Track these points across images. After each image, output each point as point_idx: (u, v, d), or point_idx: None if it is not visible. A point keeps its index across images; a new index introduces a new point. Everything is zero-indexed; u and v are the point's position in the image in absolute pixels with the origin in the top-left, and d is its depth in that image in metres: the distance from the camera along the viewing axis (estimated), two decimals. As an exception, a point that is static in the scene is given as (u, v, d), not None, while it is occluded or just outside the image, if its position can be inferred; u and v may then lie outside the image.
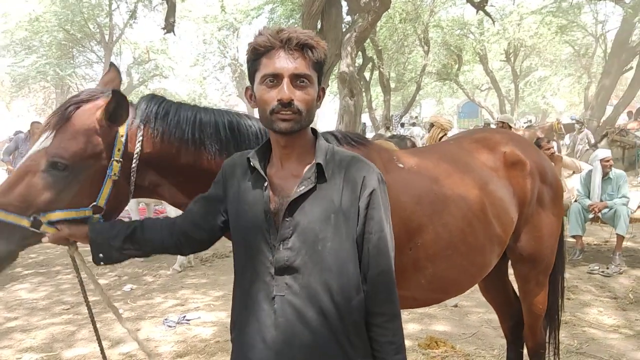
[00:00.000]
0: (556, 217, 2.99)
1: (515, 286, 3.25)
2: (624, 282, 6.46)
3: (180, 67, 33.63)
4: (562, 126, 19.78)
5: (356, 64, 17.94)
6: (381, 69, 23.38)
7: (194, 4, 22.78)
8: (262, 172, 1.72)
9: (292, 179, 1.69)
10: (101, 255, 1.92)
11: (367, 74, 24.63)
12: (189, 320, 5.61)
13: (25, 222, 1.90)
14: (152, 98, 2.16)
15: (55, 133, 1.94)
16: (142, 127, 2.06)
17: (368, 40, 17.67)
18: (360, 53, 18.47)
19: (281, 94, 1.58)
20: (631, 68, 23.37)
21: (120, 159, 1.99)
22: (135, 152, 2.03)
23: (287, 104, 1.58)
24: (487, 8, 16.32)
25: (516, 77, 31.99)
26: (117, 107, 1.93)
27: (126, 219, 2.12)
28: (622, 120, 23.30)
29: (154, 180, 2.14)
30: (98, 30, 27.83)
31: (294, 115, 1.60)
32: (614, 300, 5.80)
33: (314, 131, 1.81)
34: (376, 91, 30.61)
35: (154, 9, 26.56)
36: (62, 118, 1.95)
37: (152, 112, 2.10)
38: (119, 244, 1.90)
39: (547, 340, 3.36)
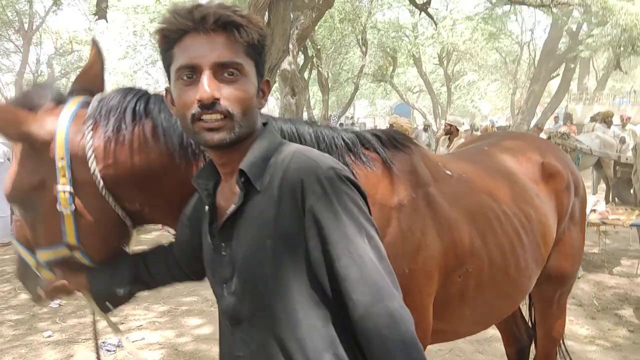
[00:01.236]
0: (582, 232, 2.72)
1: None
2: (585, 287, 6.42)
3: (108, 60, 32.11)
4: (495, 129, 20.31)
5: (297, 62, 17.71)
6: (320, 68, 23.16)
7: (123, -8, 21.68)
8: (204, 194, 1.35)
9: (233, 196, 1.27)
10: (107, 303, 1.66)
11: (305, 73, 24.39)
12: (132, 342, 4.93)
13: (31, 261, 1.68)
14: (101, 96, 1.61)
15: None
16: (90, 137, 1.52)
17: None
18: (301, 51, 18.17)
19: (200, 92, 1.14)
20: (558, 75, 24.39)
21: (69, 188, 1.50)
22: (92, 172, 1.52)
23: (210, 105, 1.14)
24: (430, 10, 16.41)
25: (449, 81, 32.75)
26: None
27: None
28: (548, 125, 24.25)
29: (146, 202, 1.62)
30: (17, 18, 25.98)
31: (223, 122, 1.16)
32: (581, 308, 5.72)
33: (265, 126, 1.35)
34: (313, 90, 30.46)
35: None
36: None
37: (105, 114, 1.55)
38: (124, 290, 1.64)
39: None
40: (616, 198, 10.20)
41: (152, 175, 1.57)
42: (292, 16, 13.92)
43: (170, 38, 1.20)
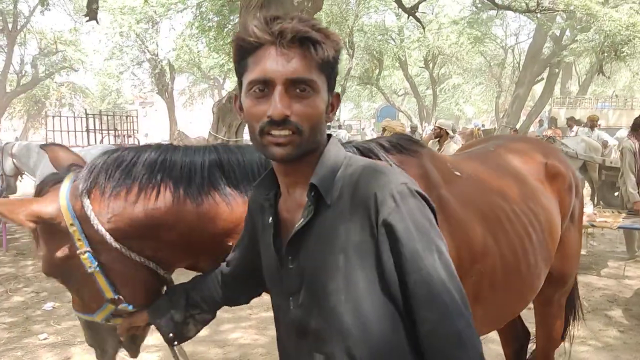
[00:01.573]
0: (580, 232, 2.81)
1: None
2: (574, 289, 6.52)
3: (93, 61, 31.83)
4: (481, 132, 20.49)
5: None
6: (307, 71, 23.17)
7: (110, -7, 21.46)
8: (266, 205, 1.37)
9: (299, 210, 1.28)
10: (171, 335, 1.72)
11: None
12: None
13: (94, 318, 1.82)
14: (93, 163, 1.76)
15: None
16: (86, 198, 1.68)
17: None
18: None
19: (272, 108, 1.15)
20: (542, 79, 24.67)
21: (87, 249, 1.67)
22: (97, 230, 1.67)
23: (280, 122, 1.15)
24: (417, 14, 16.52)
25: (434, 84, 32.97)
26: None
27: None
28: (533, 128, 24.53)
29: (156, 248, 1.77)
30: (0, 18, 25.66)
31: (291, 137, 1.17)
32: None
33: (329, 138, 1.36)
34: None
35: (64, -4, 24.96)
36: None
37: (95, 175, 1.72)
38: (181, 317, 1.70)
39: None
40: (601, 201, 10.37)
41: (153, 224, 1.71)
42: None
43: (245, 49, 1.20)
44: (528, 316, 3.45)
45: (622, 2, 15.14)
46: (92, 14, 9.95)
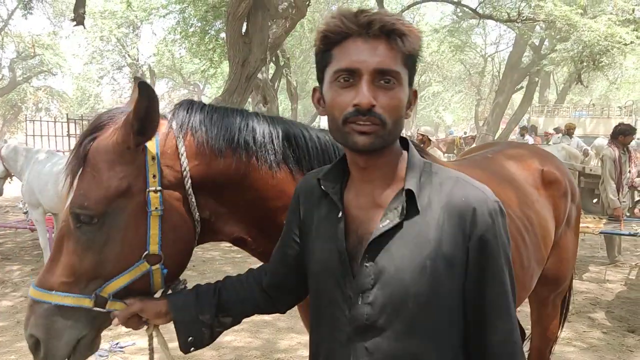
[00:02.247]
0: (577, 236, 2.90)
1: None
2: (558, 293, 6.66)
3: (72, 65, 31.57)
4: (462, 141, 20.75)
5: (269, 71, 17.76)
6: (289, 77, 23.22)
7: (91, -3, 21.32)
8: (335, 198, 1.33)
9: (375, 209, 1.28)
10: (191, 338, 1.52)
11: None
12: (122, 347, 4.92)
13: (87, 302, 1.50)
14: (190, 103, 1.70)
15: (75, 179, 1.51)
16: (181, 137, 1.58)
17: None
18: (272, 61, 18.23)
19: (359, 97, 1.16)
20: (522, 88, 25.06)
21: (159, 188, 1.51)
22: (183, 171, 1.56)
23: (366, 111, 1.16)
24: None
25: (415, 91, 33.23)
26: (149, 108, 1.44)
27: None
28: (513, 136, 24.87)
29: (214, 210, 1.66)
30: (-22, 20, 25.39)
31: (375, 127, 1.18)
32: (556, 312, 5.93)
33: (403, 142, 1.36)
34: (280, 99, 30.51)
35: (43, 0, 24.72)
36: (79, 159, 1.50)
37: (195, 119, 1.64)
38: (210, 318, 1.52)
39: None
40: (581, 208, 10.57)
41: (229, 182, 1.64)
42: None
43: (331, 39, 1.21)
44: (522, 317, 3.55)
45: (601, 13, 15.51)
46: (79, 18, 9.88)
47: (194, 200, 1.58)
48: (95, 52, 26.68)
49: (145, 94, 1.43)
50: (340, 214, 1.31)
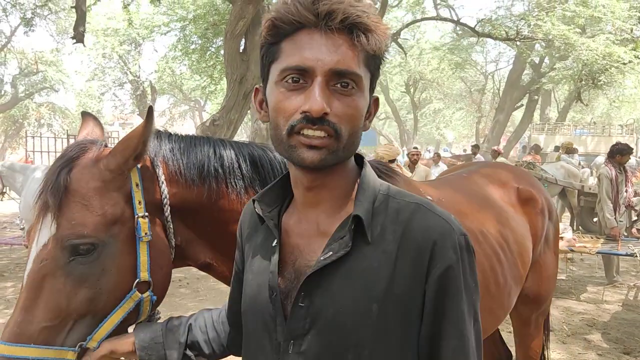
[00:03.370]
0: (556, 255, 2.88)
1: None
2: (554, 313, 6.55)
3: (74, 81, 31.86)
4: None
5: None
6: (289, 94, 23.32)
7: (93, 15, 21.44)
8: (270, 223, 1.14)
9: (319, 237, 1.09)
10: None
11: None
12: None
13: (70, 355, 1.33)
14: (158, 133, 1.68)
15: (57, 213, 1.36)
16: (159, 164, 1.56)
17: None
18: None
19: (310, 102, 0.96)
20: (522, 105, 25.13)
21: (146, 214, 1.45)
22: (163, 198, 1.53)
23: (317, 120, 0.96)
24: (399, 40, 16.81)
25: (415, 108, 33.40)
26: (150, 134, 1.43)
27: None
28: (513, 153, 24.88)
29: (184, 235, 1.63)
30: (-19, 37, 25.63)
31: (327, 141, 0.99)
32: (552, 333, 5.82)
33: (358, 159, 1.17)
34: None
35: (46, 17, 24.95)
36: (58, 190, 1.37)
37: (166, 147, 1.63)
38: (178, 355, 1.39)
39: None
40: (580, 226, 10.50)
41: (200, 208, 1.63)
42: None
43: (280, 30, 1.02)
44: (506, 337, 3.49)
45: (599, 32, 15.58)
46: (79, 36, 9.97)
47: (171, 226, 1.56)
48: (97, 68, 26.89)
49: (152, 120, 1.41)
50: (275, 242, 1.12)
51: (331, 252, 1.03)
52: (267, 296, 1.09)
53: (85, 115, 1.75)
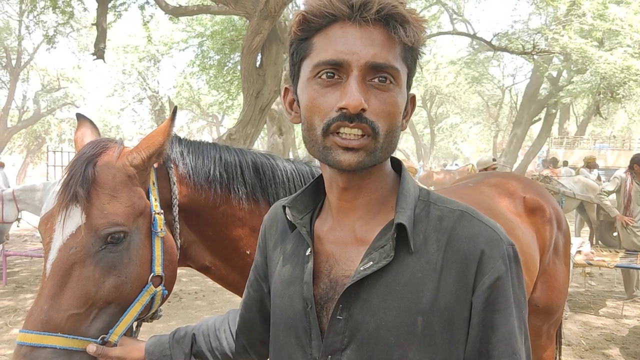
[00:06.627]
0: (567, 266, 2.85)
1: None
2: (572, 327, 6.48)
3: (95, 97, 32.42)
4: (476, 170, 20.58)
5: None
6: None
7: (114, 32, 21.86)
8: (303, 230, 1.08)
9: (356, 245, 1.03)
10: None
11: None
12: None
13: (81, 344, 1.33)
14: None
15: (87, 203, 1.38)
16: (171, 165, 1.67)
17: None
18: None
19: (347, 97, 0.90)
20: (540, 119, 24.95)
21: (161, 210, 1.55)
22: (173, 198, 1.63)
23: (354, 117, 0.91)
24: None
25: (432, 123, 33.34)
26: (172, 131, 1.57)
27: None
28: (531, 167, 24.68)
29: (187, 236, 1.73)
30: (4, 54, 26.13)
31: (364, 141, 0.93)
32: (570, 347, 5.77)
33: (395, 163, 1.11)
34: (297, 130, 30.83)
35: (68, 35, 25.42)
36: (86, 182, 1.39)
37: (177, 150, 1.73)
38: None
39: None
40: (599, 241, 10.36)
41: (204, 211, 1.72)
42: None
43: (312, 24, 0.96)
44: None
45: (617, 45, 15.45)
46: (99, 52, 10.22)
47: (177, 226, 1.64)
48: (117, 84, 27.33)
49: (174, 120, 1.55)
50: (308, 251, 1.05)
51: (371, 262, 0.97)
52: (301, 308, 1.04)
53: (81, 117, 1.83)
